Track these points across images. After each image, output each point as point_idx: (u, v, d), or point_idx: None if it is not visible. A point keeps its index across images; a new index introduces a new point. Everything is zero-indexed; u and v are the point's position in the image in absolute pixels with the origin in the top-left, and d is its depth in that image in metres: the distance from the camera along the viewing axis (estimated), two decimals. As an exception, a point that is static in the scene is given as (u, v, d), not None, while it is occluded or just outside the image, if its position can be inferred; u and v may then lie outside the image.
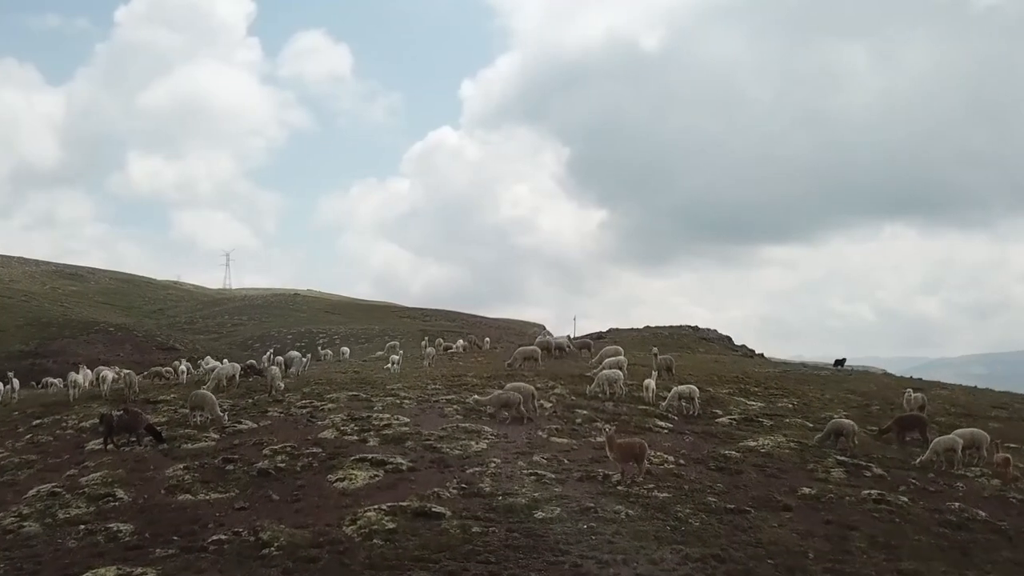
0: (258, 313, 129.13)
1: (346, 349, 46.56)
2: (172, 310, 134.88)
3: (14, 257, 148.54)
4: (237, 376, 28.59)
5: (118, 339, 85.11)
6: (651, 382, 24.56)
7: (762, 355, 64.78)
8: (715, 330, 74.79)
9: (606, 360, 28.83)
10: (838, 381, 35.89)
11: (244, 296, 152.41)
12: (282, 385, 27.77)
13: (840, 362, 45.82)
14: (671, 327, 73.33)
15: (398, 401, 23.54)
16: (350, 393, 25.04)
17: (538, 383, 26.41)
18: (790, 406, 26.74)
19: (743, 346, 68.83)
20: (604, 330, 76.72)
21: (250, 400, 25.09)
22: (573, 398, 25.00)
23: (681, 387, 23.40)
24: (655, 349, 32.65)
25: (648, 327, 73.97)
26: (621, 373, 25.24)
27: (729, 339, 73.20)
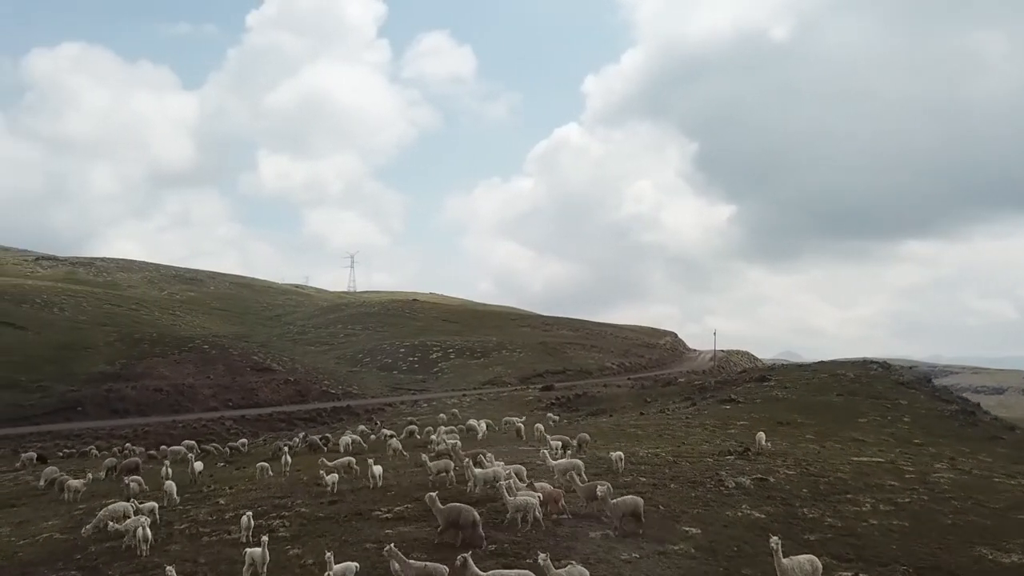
0: (373, 322, 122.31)
1: (399, 447, 32.91)
2: (289, 316, 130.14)
3: (136, 261, 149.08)
4: None
5: (211, 359, 78.35)
6: None
7: (989, 415, 48.75)
8: (911, 367, 58.94)
9: None
10: None
11: (362, 302, 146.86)
12: None
13: None
14: (852, 362, 57.78)
15: None
16: None
17: None
18: None
19: (959, 396, 52.81)
20: (769, 366, 62.59)
21: None
22: None
23: None
24: None
25: (823, 362, 58.94)
26: None
27: (929, 381, 57.22)
